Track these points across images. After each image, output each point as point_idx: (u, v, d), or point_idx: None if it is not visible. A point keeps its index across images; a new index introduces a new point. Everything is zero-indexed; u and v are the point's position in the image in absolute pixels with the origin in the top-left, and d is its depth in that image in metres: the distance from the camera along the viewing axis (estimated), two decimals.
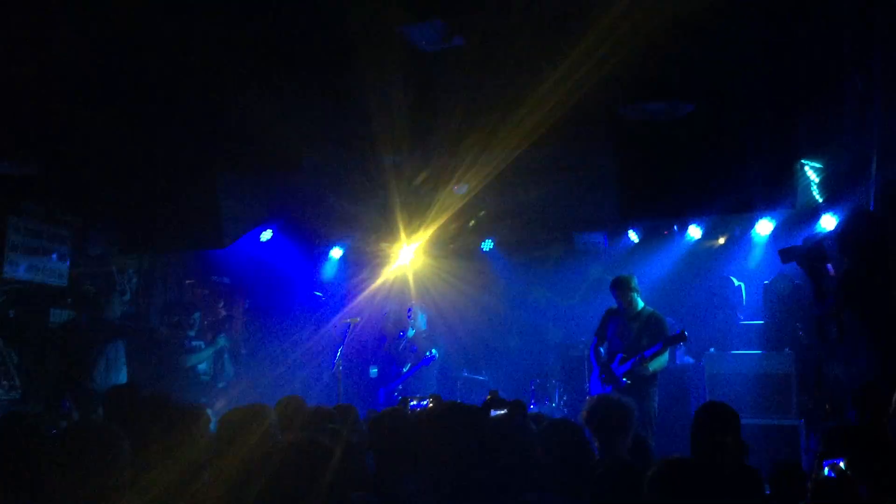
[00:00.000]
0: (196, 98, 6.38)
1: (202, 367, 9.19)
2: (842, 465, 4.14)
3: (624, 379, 7.84)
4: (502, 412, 5.01)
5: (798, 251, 6.69)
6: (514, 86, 6.41)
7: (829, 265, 6.57)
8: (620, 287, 8.11)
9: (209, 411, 4.95)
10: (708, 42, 5.42)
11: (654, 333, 7.90)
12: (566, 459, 4.01)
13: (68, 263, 8.91)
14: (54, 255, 8.74)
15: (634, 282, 8.13)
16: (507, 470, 3.79)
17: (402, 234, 10.87)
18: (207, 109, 6.65)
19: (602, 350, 8.26)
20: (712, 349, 9.13)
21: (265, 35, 5.40)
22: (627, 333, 8.02)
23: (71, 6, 4.94)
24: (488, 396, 6.18)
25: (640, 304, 8.13)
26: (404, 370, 9.68)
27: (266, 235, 9.75)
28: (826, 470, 4.22)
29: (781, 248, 7.11)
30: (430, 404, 6.39)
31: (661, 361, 7.88)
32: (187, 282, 10.42)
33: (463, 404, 4.47)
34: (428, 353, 9.49)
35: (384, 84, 6.38)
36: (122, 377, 8.34)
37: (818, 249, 6.60)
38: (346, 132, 7.46)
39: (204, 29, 5.26)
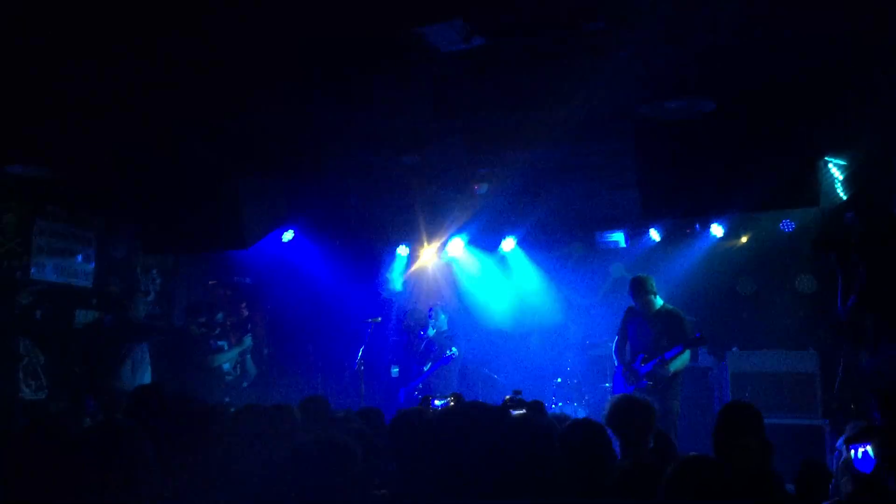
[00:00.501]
0: (217, 99, 6.42)
1: (227, 366, 9.26)
2: (869, 449, 4.12)
3: (645, 380, 7.82)
4: (521, 412, 5.01)
5: (836, 242, 6.50)
6: (535, 85, 6.39)
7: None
8: (636, 289, 8.09)
9: (233, 410, 5.00)
10: (730, 39, 5.38)
11: (673, 333, 7.85)
12: (588, 459, 4.00)
13: (93, 265, 9.01)
14: (79, 257, 8.85)
15: (651, 283, 8.08)
16: (527, 470, 3.78)
17: (424, 234, 10.89)
18: (229, 111, 6.69)
19: (626, 349, 8.24)
20: (735, 348, 9.08)
21: (285, 38, 5.41)
22: (647, 333, 7.99)
23: (92, 13, 4.98)
24: (508, 396, 6.19)
25: (659, 303, 8.08)
26: (425, 369, 9.68)
27: (288, 236, 9.80)
28: (853, 453, 4.19)
29: (815, 238, 6.95)
30: (451, 403, 6.41)
31: (682, 360, 7.84)
32: (210, 282, 10.50)
33: (483, 403, 4.46)
34: (448, 352, 9.48)
35: (404, 85, 6.38)
36: (147, 377, 8.41)
37: (852, 242, 6.47)
38: (366, 133, 7.47)
39: (224, 33, 5.29)
